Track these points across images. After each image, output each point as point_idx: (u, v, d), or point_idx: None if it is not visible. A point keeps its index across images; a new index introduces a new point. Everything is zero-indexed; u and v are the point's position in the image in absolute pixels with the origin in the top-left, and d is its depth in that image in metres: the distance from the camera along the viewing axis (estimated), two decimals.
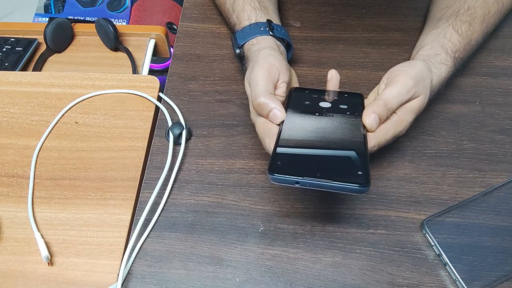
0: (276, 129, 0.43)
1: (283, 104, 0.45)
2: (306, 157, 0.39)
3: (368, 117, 0.42)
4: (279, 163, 0.38)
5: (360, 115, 0.43)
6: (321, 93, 0.48)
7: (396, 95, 0.43)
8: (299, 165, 0.38)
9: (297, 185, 0.37)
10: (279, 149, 0.40)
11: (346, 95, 0.48)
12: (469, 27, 0.53)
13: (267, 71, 0.45)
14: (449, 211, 0.47)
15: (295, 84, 0.51)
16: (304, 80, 0.58)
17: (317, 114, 0.44)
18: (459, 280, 0.43)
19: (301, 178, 0.37)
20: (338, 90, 0.48)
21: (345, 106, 0.45)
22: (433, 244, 0.45)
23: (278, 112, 0.43)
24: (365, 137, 0.41)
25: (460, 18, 0.53)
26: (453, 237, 0.45)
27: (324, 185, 0.37)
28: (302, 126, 0.43)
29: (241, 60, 0.54)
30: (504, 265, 0.44)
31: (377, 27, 0.64)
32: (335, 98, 0.47)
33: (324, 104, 0.46)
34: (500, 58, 0.61)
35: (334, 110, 0.45)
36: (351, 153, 0.39)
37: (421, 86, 0.45)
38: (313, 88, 0.49)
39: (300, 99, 0.47)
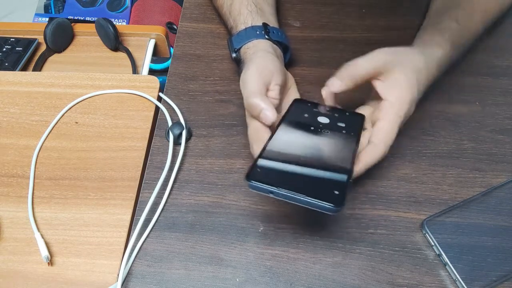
0: (267, 136, 0.42)
1: (277, 109, 0.44)
2: (286, 169, 0.39)
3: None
4: (258, 170, 0.38)
5: (356, 135, 0.43)
6: (323, 108, 0.47)
7: (390, 132, 0.44)
8: (277, 176, 0.38)
9: (271, 195, 0.37)
10: (262, 157, 0.39)
11: (347, 114, 0.46)
12: (469, 18, 0.53)
13: (258, 72, 0.45)
14: (449, 211, 0.47)
15: (292, 87, 0.51)
16: (304, 80, 0.58)
17: (312, 128, 0.43)
18: (459, 280, 0.43)
19: (275, 188, 0.36)
20: (341, 108, 0.47)
21: (343, 124, 0.44)
22: (433, 244, 0.45)
23: (269, 113, 0.42)
24: (353, 158, 0.41)
25: (460, 9, 0.54)
26: (453, 237, 0.45)
27: (297, 199, 0.36)
28: (292, 138, 0.42)
29: (238, 64, 0.54)
30: (504, 265, 0.44)
31: (377, 27, 0.64)
32: (335, 115, 0.46)
33: (322, 119, 0.45)
34: (500, 57, 0.61)
35: (330, 127, 0.44)
36: (333, 172, 0.39)
37: (409, 107, 0.45)
38: (316, 102, 0.47)
39: (299, 111, 0.46)
